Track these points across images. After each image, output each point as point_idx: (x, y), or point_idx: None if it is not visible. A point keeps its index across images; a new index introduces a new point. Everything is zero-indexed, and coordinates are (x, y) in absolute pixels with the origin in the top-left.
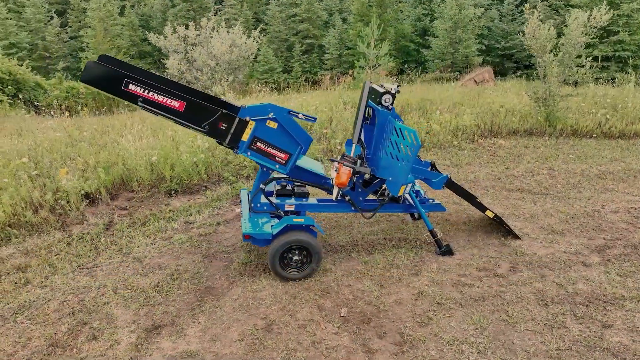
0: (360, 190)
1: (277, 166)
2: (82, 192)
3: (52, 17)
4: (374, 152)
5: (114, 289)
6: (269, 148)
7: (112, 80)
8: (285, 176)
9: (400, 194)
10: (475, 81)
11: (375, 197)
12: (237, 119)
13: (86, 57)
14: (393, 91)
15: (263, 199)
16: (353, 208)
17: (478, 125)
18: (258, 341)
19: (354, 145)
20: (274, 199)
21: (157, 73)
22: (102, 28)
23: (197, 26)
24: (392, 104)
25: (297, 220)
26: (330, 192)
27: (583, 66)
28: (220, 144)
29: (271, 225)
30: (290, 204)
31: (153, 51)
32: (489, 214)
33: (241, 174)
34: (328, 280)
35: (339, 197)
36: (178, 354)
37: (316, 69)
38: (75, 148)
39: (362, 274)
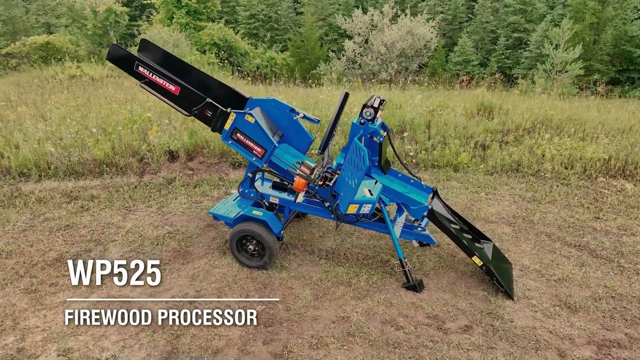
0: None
1: (254, 159)
2: (168, 149)
3: None
4: (344, 164)
5: (127, 231)
6: (247, 140)
7: (127, 61)
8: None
9: (348, 212)
10: None
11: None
12: (219, 109)
13: (301, 32)
14: (376, 104)
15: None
16: (332, 215)
17: (608, 159)
18: (174, 308)
19: (326, 154)
20: (270, 190)
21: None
22: (319, 6)
23: (380, 11)
24: (373, 118)
25: (256, 212)
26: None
27: None
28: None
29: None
30: (275, 197)
31: None
32: (476, 260)
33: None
34: (276, 277)
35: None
36: (118, 295)
37: (517, 66)
38: None
39: (310, 282)
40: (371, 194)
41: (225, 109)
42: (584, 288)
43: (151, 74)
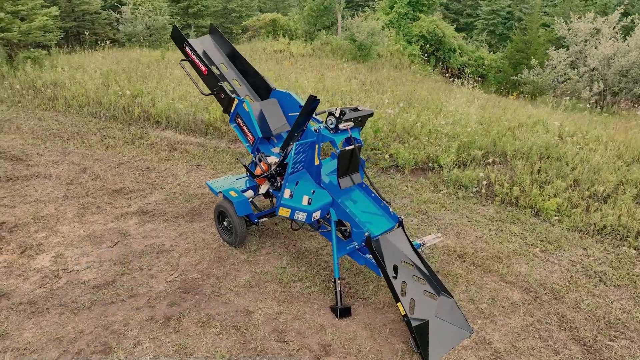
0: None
1: (247, 145)
2: None
3: None
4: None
5: (178, 184)
6: (244, 126)
7: (179, 41)
8: None
9: (280, 214)
10: None
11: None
12: (227, 93)
13: (526, 34)
14: (337, 114)
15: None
16: None
17: None
18: (144, 252)
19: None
20: None
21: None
22: (568, 7)
23: (602, 17)
24: (335, 128)
25: (232, 193)
26: None
27: None
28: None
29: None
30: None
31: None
32: (400, 308)
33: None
34: (234, 256)
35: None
36: (135, 230)
37: None
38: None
39: (255, 271)
40: (309, 203)
41: (230, 94)
42: None
43: (192, 53)
